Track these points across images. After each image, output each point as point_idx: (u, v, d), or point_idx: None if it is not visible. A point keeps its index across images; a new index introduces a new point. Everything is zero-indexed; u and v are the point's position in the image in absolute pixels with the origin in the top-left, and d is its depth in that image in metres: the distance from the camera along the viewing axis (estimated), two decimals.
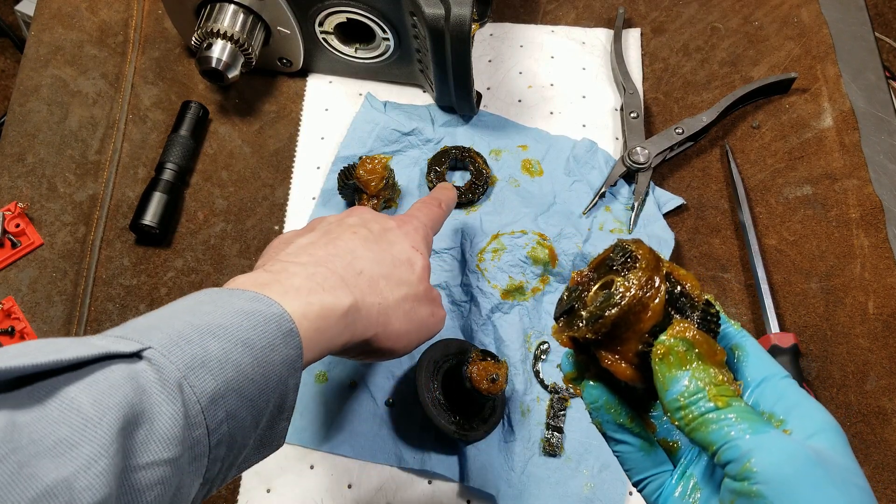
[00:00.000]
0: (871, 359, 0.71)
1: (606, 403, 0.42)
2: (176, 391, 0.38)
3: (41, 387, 0.35)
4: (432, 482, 0.67)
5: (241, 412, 0.41)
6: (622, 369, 0.39)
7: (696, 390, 0.36)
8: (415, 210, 0.62)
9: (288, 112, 0.84)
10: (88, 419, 0.34)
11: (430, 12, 0.70)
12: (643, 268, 0.39)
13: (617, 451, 0.43)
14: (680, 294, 0.39)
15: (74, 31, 0.87)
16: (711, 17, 0.89)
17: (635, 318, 0.38)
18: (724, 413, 0.35)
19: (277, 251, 0.55)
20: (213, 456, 0.40)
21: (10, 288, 0.74)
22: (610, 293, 0.39)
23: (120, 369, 0.37)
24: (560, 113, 0.83)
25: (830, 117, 0.82)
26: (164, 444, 0.37)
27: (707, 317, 0.39)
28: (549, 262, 0.73)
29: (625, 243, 0.41)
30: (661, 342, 0.38)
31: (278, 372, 0.43)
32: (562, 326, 0.42)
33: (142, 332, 0.40)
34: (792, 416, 0.37)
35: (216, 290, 0.45)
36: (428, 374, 0.66)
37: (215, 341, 0.40)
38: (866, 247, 0.75)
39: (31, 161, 0.80)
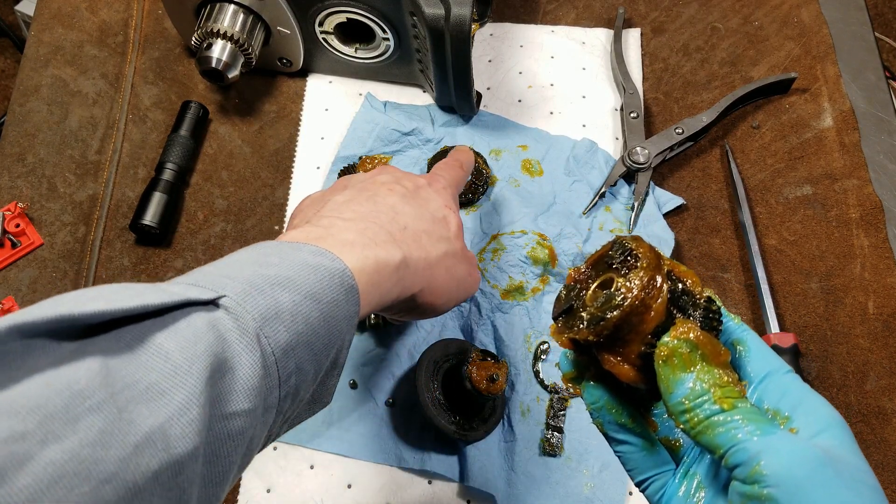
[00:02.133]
0: (871, 359, 0.71)
1: (607, 404, 0.41)
2: (254, 341, 0.38)
3: (128, 331, 0.34)
4: (432, 482, 0.67)
5: (307, 365, 0.41)
6: (624, 371, 0.38)
7: (700, 392, 0.36)
8: (439, 170, 0.63)
9: (288, 112, 0.84)
10: (178, 366, 0.34)
11: (430, 12, 0.70)
12: (644, 267, 0.38)
13: (619, 452, 0.42)
14: (682, 292, 0.38)
15: (74, 31, 0.87)
16: (711, 17, 0.89)
17: (638, 319, 0.37)
18: (731, 415, 0.35)
19: (313, 209, 0.54)
20: (280, 408, 0.41)
21: (10, 288, 0.74)
22: (611, 293, 0.38)
23: (201, 317, 0.37)
24: (560, 113, 0.83)
25: (830, 117, 0.82)
26: (245, 394, 0.37)
27: (709, 314, 0.38)
28: (549, 262, 0.73)
29: (623, 240, 0.40)
30: (663, 344, 0.37)
31: (340, 327, 0.43)
32: (560, 327, 0.41)
33: (214, 280, 0.39)
34: (797, 412, 0.36)
35: (278, 242, 0.45)
36: (428, 374, 0.66)
37: (286, 293, 0.40)
38: (866, 247, 0.75)
39: (31, 161, 0.80)
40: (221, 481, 0.37)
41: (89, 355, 0.32)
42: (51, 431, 0.29)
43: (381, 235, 0.49)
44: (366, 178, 0.57)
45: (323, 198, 0.56)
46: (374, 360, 0.71)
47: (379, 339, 0.71)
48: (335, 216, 0.50)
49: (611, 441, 0.42)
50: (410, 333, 0.72)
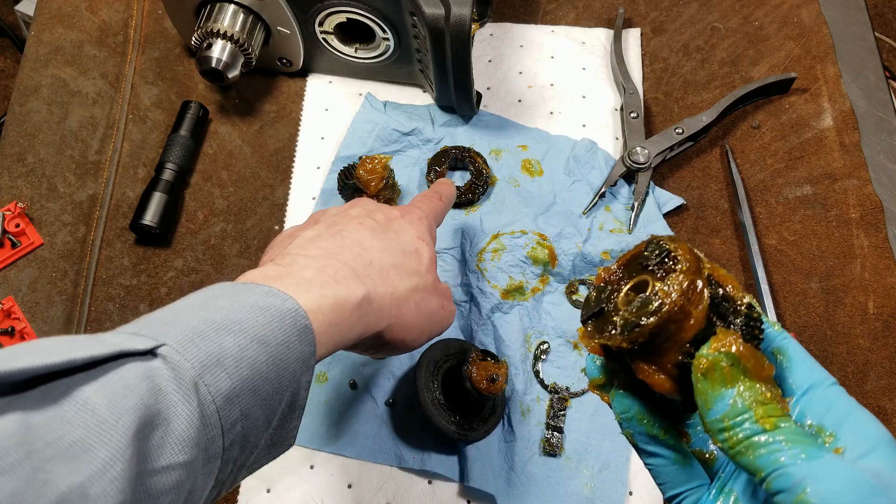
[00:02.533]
0: (871, 359, 0.71)
1: (638, 414, 0.39)
2: (192, 391, 0.37)
3: (55, 386, 0.34)
4: (432, 482, 0.67)
5: (255, 411, 0.40)
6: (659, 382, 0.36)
7: (741, 410, 0.33)
8: (416, 202, 0.62)
9: (288, 112, 0.84)
10: (104, 421, 0.33)
11: (430, 12, 0.70)
12: (684, 270, 0.35)
13: (649, 464, 0.40)
14: (722, 298, 0.36)
15: (74, 31, 0.87)
16: (711, 17, 0.89)
17: (676, 326, 0.34)
18: (773, 436, 0.32)
19: (282, 246, 0.53)
20: (227, 457, 0.39)
21: (10, 288, 0.74)
22: (647, 298, 0.35)
23: (135, 368, 0.36)
24: (560, 113, 0.83)
25: (830, 117, 0.82)
26: (180, 446, 0.36)
27: (750, 322, 0.35)
28: (549, 262, 0.73)
29: (660, 240, 0.37)
30: (703, 356, 0.34)
31: (292, 369, 0.42)
32: (590, 331, 0.38)
33: (156, 327, 0.39)
34: (843, 429, 0.34)
35: (229, 284, 0.44)
36: (428, 374, 0.66)
37: (231, 337, 0.39)
38: (866, 247, 0.75)
39: (31, 161, 0.80)
40: None
41: (10, 412, 0.31)
42: None
43: (342, 272, 0.48)
44: (338, 211, 0.56)
45: (294, 233, 0.55)
46: (373, 360, 0.71)
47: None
48: (298, 253, 0.49)
49: (641, 453, 0.40)
50: None
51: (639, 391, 0.39)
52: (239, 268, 0.76)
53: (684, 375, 0.35)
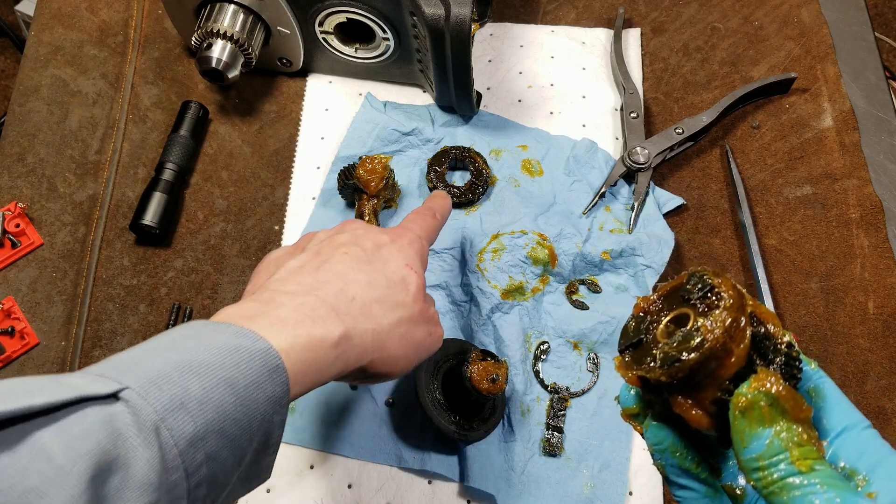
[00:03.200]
0: (871, 359, 0.71)
1: (672, 446, 0.39)
2: (152, 435, 0.36)
3: (12, 432, 0.33)
4: (432, 482, 0.67)
5: (223, 453, 0.40)
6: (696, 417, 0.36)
7: (777, 451, 0.33)
8: (408, 222, 0.60)
9: (288, 112, 0.84)
10: (59, 468, 0.33)
11: (430, 12, 0.70)
12: (728, 307, 0.35)
13: (679, 497, 0.40)
14: (763, 336, 0.35)
15: (74, 31, 0.87)
16: (711, 17, 0.89)
17: (717, 363, 0.34)
18: (808, 478, 0.32)
19: (267, 272, 0.53)
20: (193, 497, 0.39)
21: (10, 288, 0.74)
22: (689, 332, 0.35)
23: (94, 413, 0.35)
24: (560, 113, 0.83)
25: (830, 117, 0.82)
26: (140, 490, 0.35)
27: (790, 361, 0.36)
28: (549, 263, 0.73)
29: (704, 274, 0.37)
30: (742, 394, 0.34)
31: (262, 410, 0.41)
32: (628, 362, 0.38)
33: (122, 369, 0.38)
34: (876, 474, 0.34)
35: (202, 322, 0.44)
36: (428, 374, 0.66)
37: (196, 380, 0.39)
38: (866, 247, 0.75)
39: (31, 161, 0.80)
40: None
41: None
42: None
43: (320, 310, 0.47)
44: (326, 237, 0.55)
45: (279, 260, 0.54)
46: None
47: None
48: (277, 289, 0.48)
49: (672, 485, 0.40)
50: None
51: (673, 423, 0.39)
52: (239, 268, 0.76)
53: (721, 412, 0.35)
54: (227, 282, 0.75)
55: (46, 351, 0.72)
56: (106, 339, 0.72)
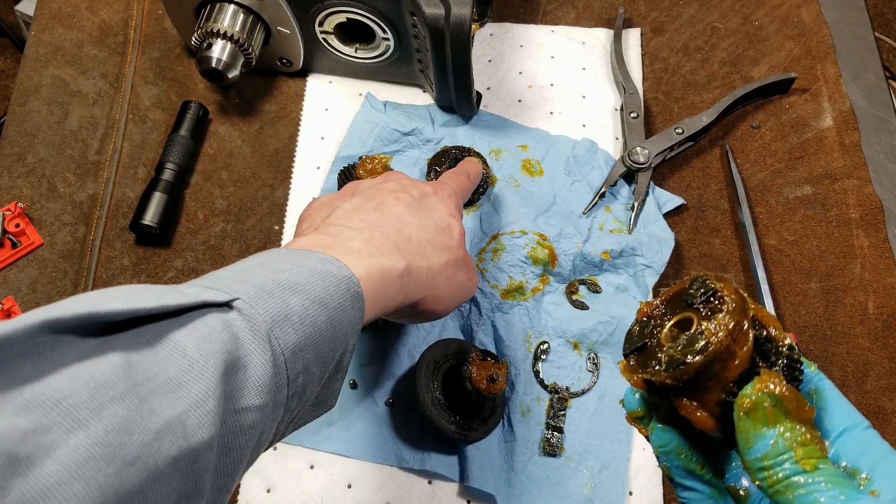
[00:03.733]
0: (871, 359, 0.71)
1: (677, 448, 0.40)
2: (266, 341, 0.40)
3: (147, 330, 0.36)
4: (432, 482, 0.67)
5: (314, 367, 0.43)
6: (701, 419, 0.36)
7: (781, 450, 0.34)
8: (446, 178, 0.65)
9: (288, 112, 0.84)
10: (194, 362, 0.36)
11: (430, 12, 0.70)
12: (731, 311, 0.35)
13: (684, 498, 0.41)
14: (765, 339, 0.36)
15: (74, 31, 0.87)
16: (711, 17, 0.89)
17: (721, 366, 0.35)
18: (812, 477, 0.33)
19: (320, 213, 0.57)
20: (287, 406, 0.42)
21: (10, 288, 0.74)
22: (693, 336, 0.36)
23: (216, 317, 0.38)
24: (560, 113, 0.83)
25: (830, 117, 0.82)
26: (257, 390, 0.39)
27: (791, 364, 0.36)
28: (549, 263, 0.73)
29: (706, 278, 0.38)
30: (746, 395, 0.35)
31: (345, 331, 0.45)
32: (633, 365, 0.39)
33: (227, 283, 0.41)
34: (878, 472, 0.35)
35: (286, 249, 0.47)
36: (428, 374, 0.66)
37: (296, 297, 0.42)
38: (866, 247, 0.75)
39: (31, 161, 0.80)
40: (233, 472, 0.38)
41: (112, 350, 0.34)
42: (77, 420, 0.31)
43: (386, 245, 0.51)
44: (373, 184, 0.59)
45: (331, 202, 0.58)
46: (374, 360, 0.71)
47: (379, 339, 0.72)
48: (343, 224, 0.52)
49: (676, 486, 0.41)
50: (410, 333, 0.72)
51: (678, 425, 0.40)
52: None
53: (726, 413, 0.36)
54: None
55: None
56: None
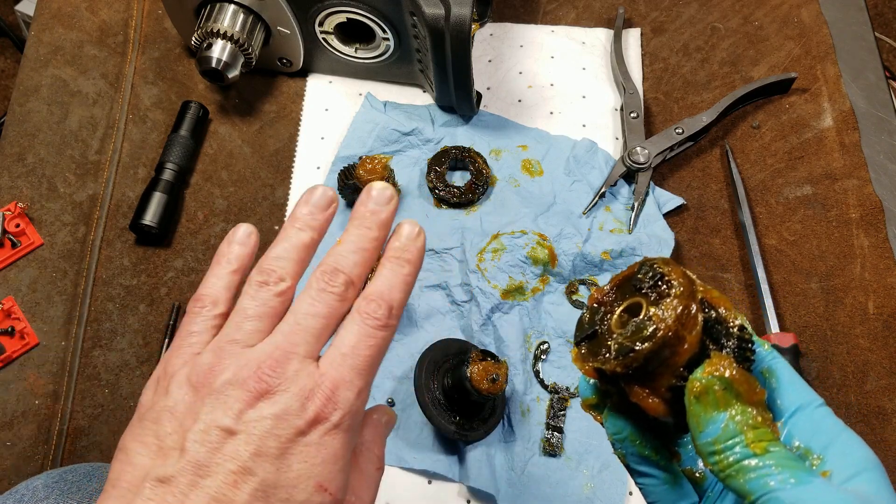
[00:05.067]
0: (871, 359, 0.71)
1: (631, 435, 0.39)
2: None
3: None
4: (432, 482, 0.67)
5: None
6: (653, 405, 0.36)
7: (732, 434, 0.33)
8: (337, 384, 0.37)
9: (288, 112, 0.84)
10: None
11: (430, 12, 0.70)
12: (678, 295, 0.35)
13: (640, 483, 0.40)
14: (715, 321, 0.36)
15: (74, 31, 0.87)
16: (711, 17, 0.89)
17: (670, 351, 0.35)
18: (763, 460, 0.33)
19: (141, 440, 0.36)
20: None
21: (10, 288, 0.74)
22: (641, 322, 0.35)
23: None
24: (560, 113, 0.83)
25: (830, 117, 0.82)
26: None
27: (742, 344, 0.36)
28: (549, 263, 0.73)
29: (653, 263, 0.37)
30: (696, 379, 0.34)
31: None
32: (584, 354, 0.38)
33: None
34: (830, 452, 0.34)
35: None
36: (428, 374, 0.66)
37: None
38: (866, 247, 0.75)
39: (31, 161, 0.80)
40: None
41: None
42: None
43: None
44: (205, 427, 0.35)
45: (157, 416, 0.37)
46: None
47: None
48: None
49: (633, 473, 0.41)
50: (410, 334, 0.72)
51: (631, 412, 0.39)
52: None
53: (677, 398, 0.36)
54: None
55: (46, 351, 0.72)
56: (106, 339, 0.72)
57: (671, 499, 0.40)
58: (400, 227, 0.41)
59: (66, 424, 0.69)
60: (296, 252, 0.40)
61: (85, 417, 0.70)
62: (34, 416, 0.69)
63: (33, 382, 0.71)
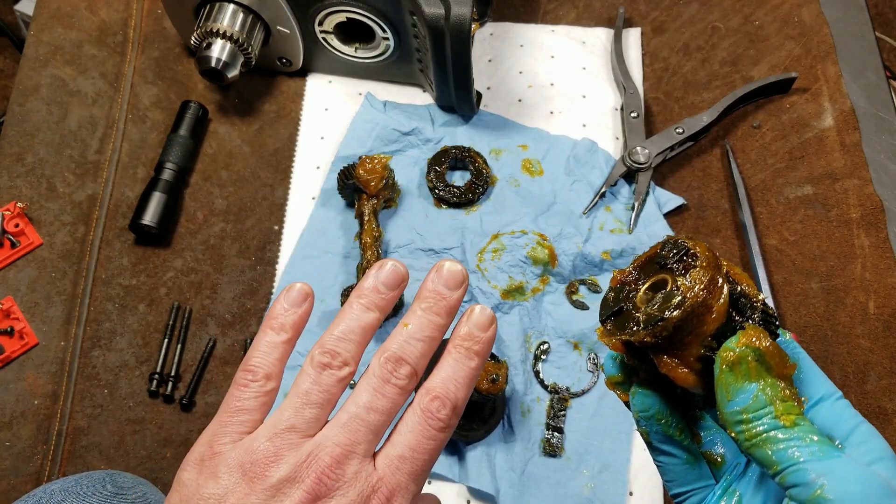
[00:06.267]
0: (872, 359, 0.71)
1: (658, 413, 0.39)
2: None
3: None
4: (432, 482, 0.67)
5: None
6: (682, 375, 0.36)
7: (762, 404, 0.34)
8: (401, 477, 0.38)
9: (287, 112, 0.83)
10: None
11: (430, 12, 0.70)
12: (704, 266, 0.36)
13: (660, 461, 0.41)
14: (740, 294, 0.37)
15: (74, 31, 0.87)
16: (712, 17, 0.89)
17: (698, 320, 0.35)
18: (792, 432, 0.33)
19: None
20: None
21: (9, 288, 0.74)
22: (670, 293, 0.36)
23: None
24: (560, 113, 0.83)
25: (831, 117, 0.82)
26: None
27: (767, 318, 0.36)
28: (549, 262, 0.73)
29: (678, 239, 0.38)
30: (730, 348, 0.35)
31: None
32: (610, 329, 0.39)
33: None
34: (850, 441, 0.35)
35: None
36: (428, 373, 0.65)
37: None
38: (867, 247, 0.75)
39: (31, 161, 0.80)
40: None
41: None
42: None
43: None
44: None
45: (206, 499, 0.35)
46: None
47: (379, 339, 0.71)
48: None
49: (654, 451, 0.41)
50: None
51: (658, 388, 0.40)
52: (238, 268, 0.76)
53: (706, 369, 0.36)
54: (227, 282, 0.75)
55: (46, 351, 0.72)
56: (105, 339, 0.72)
57: (689, 479, 0.40)
58: (471, 312, 0.40)
59: (66, 424, 0.69)
60: (360, 334, 0.39)
61: (84, 417, 0.70)
62: (33, 417, 0.69)
63: (32, 382, 0.71)
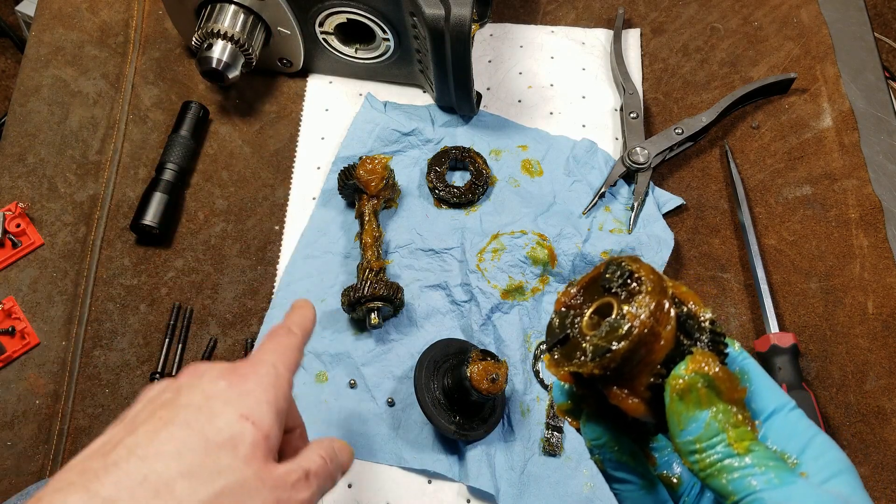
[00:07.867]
0: (871, 358, 0.71)
1: (609, 441, 0.39)
2: None
3: None
4: (432, 482, 0.67)
5: None
6: (633, 406, 0.35)
7: (714, 433, 0.33)
8: (263, 350, 0.48)
9: (288, 112, 0.84)
10: None
11: (430, 12, 0.70)
12: (650, 291, 0.34)
13: (616, 489, 0.40)
14: (687, 316, 0.35)
15: (75, 32, 0.87)
16: (711, 18, 0.89)
17: (647, 349, 0.34)
18: (746, 460, 0.32)
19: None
20: None
21: (10, 288, 0.74)
22: (615, 321, 0.34)
23: None
24: (560, 113, 0.83)
25: (830, 117, 0.82)
26: None
27: (715, 338, 0.35)
28: (549, 263, 0.73)
29: (621, 261, 0.36)
30: (679, 376, 0.33)
31: None
32: (558, 359, 0.37)
33: None
34: (806, 455, 0.34)
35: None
36: (428, 374, 0.66)
37: None
38: (866, 247, 0.76)
39: (32, 161, 0.80)
40: None
41: None
42: None
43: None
44: (157, 392, 0.44)
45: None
46: (374, 360, 0.71)
47: (379, 339, 0.72)
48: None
49: (609, 479, 0.40)
50: (410, 334, 0.72)
51: (608, 415, 0.38)
52: (239, 268, 0.76)
53: (656, 397, 0.35)
54: (228, 282, 0.75)
55: (47, 351, 0.72)
56: (106, 339, 0.72)
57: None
58: None
59: (67, 424, 0.69)
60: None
61: (85, 417, 0.70)
62: (35, 416, 0.69)
63: (34, 382, 0.71)
